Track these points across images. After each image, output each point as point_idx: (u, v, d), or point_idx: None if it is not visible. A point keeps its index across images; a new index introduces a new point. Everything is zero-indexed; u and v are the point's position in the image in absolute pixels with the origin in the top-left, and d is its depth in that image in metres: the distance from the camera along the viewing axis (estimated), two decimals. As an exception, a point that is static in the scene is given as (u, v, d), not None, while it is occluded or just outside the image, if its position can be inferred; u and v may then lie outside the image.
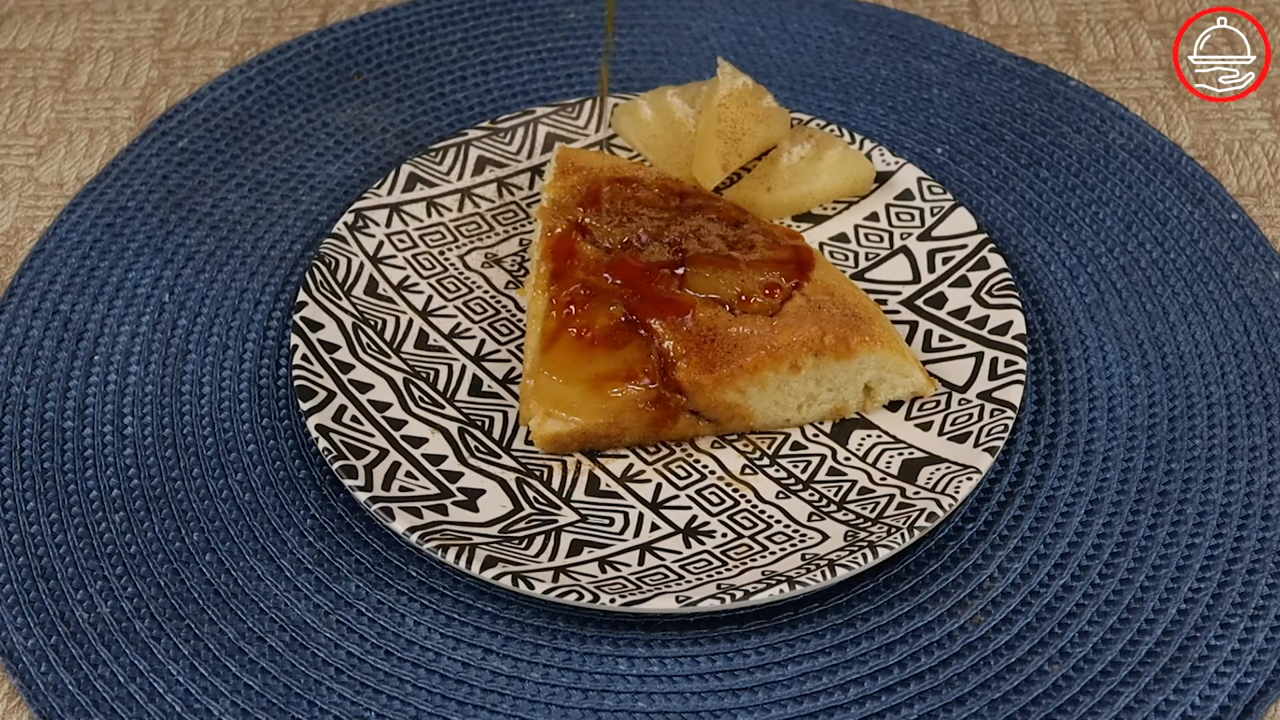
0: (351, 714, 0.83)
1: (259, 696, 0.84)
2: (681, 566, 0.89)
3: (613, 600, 0.84)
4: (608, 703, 0.84)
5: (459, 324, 1.03)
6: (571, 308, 0.94)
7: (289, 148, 1.16)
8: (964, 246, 1.05)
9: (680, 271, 0.96)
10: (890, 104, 1.21)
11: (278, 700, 0.84)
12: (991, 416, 0.95)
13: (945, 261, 1.05)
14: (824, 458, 0.96)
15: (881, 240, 1.08)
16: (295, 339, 0.98)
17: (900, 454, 0.95)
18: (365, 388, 0.97)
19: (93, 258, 1.07)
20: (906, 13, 1.29)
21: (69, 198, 1.12)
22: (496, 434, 0.97)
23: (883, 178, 1.11)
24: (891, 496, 0.92)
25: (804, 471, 0.95)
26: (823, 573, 0.86)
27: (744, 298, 0.95)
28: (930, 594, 0.89)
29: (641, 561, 0.89)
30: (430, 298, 1.04)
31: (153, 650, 0.85)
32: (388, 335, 1.01)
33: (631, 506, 0.93)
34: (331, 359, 0.98)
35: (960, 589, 0.89)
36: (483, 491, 0.93)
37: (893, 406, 0.98)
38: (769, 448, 0.97)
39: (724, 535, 0.91)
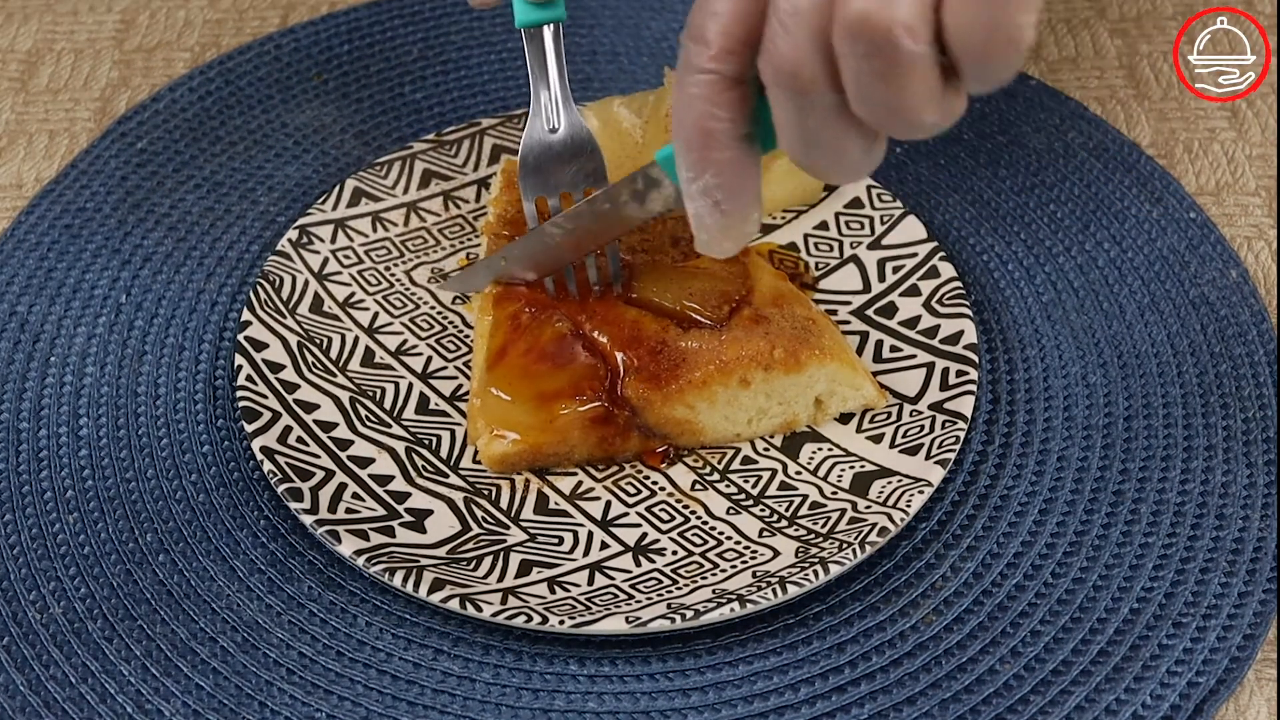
0: (303, 714, 0.83)
1: (210, 697, 0.84)
2: (631, 585, 0.88)
3: (562, 622, 0.84)
4: (558, 703, 0.84)
5: (406, 341, 1.02)
6: (518, 325, 0.94)
7: (248, 149, 1.16)
8: (914, 255, 1.05)
9: (627, 285, 0.96)
10: (850, 104, 1.21)
11: (229, 701, 0.84)
12: (943, 428, 0.94)
13: (895, 270, 1.05)
14: (775, 472, 0.95)
15: (831, 249, 1.07)
16: (239, 359, 0.97)
17: (851, 467, 0.95)
18: (311, 408, 0.96)
19: (50, 259, 1.07)
20: (868, 13, 1.29)
21: (28, 199, 1.12)
22: (444, 453, 0.96)
23: (831, 185, 1.10)
24: (843, 511, 0.92)
25: (755, 487, 0.94)
26: (773, 590, 0.85)
27: (692, 310, 0.95)
28: (882, 594, 0.89)
29: (591, 581, 0.89)
30: (376, 314, 1.03)
31: (105, 651, 0.85)
32: (334, 353, 1.00)
33: (581, 525, 0.92)
34: (276, 379, 0.97)
35: (912, 589, 0.89)
36: (430, 512, 0.92)
37: (844, 419, 0.98)
38: (719, 463, 0.96)
39: (674, 553, 0.90)
